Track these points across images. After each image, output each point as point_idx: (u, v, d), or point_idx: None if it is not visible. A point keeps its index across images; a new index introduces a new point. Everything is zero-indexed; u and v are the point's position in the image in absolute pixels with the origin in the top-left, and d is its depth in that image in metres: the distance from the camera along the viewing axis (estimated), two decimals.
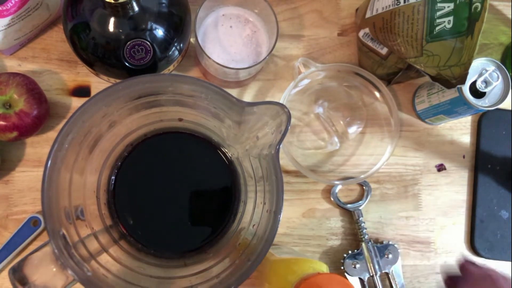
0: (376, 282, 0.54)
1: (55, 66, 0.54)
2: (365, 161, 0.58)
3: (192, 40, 0.54)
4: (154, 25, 0.45)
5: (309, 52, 0.59)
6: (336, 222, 0.57)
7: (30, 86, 0.48)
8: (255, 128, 0.40)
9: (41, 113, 0.49)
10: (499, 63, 0.51)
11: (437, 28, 0.46)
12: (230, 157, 0.49)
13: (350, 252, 0.55)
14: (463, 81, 0.46)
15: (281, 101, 0.54)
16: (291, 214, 0.56)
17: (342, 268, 0.54)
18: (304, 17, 0.59)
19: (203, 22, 0.51)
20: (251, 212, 0.43)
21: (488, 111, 0.55)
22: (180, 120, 0.47)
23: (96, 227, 0.42)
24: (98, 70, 0.48)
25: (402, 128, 0.59)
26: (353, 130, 0.57)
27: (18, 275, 0.33)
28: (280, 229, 0.56)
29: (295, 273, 0.43)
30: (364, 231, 0.55)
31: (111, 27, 0.44)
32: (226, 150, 0.49)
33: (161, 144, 0.49)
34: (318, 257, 0.56)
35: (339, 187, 0.57)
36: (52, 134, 0.53)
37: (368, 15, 0.52)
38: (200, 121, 0.46)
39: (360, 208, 0.56)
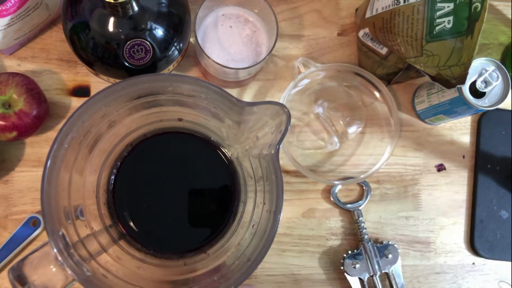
0: (376, 282, 0.54)
1: (55, 66, 0.54)
2: (365, 161, 0.58)
3: (191, 40, 0.54)
4: (154, 25, 0.45)
5: (309, 52, 0.59)
6: (336, 222, 0.57)
7: (29, 86, 0.48)
8: (255, 128, 0.39)
9: (41, 113, 0.49)
10: (499, 63, 0.51)
11: (437, 28, 0.46)
12: (230, 157, 0.49)
13: (350, 252, 0.55)
14: (463, 81, 0.46)
15: (281, 101, 0.54)
16: (291, 214, 0.56)
17: (342, 268, 0.54)
18: (304, 17, 0.59)
19: (203, 22, 0.51)
20: (251, 212, 0.43)
21: (488, 111, 0.55)
22: (180, 120, 0.47)
23: (96, 227, 0.42)
24: (98, 70, 0.48)
25: (402, 128, 0.59)
26: (353, 130, 0.57)
27: (18, 275, 0.33)
28: (280, 229, 0.56)
29: None
30: (364, 231, 0.55)
31: (110, 27, 0.44)
32: (226, 150, 0.49)
33: (161, 144, 0.49)
34: (318, 257, 0.56)
35: (339, 187, 0.57)
36: (51, 134, 0.53)
37: (368, 15, 0.52)
38: (200, 121, 0.46)
39: (360, 208, 0.56)
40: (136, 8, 0.42)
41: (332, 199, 0.56)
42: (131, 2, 0.41)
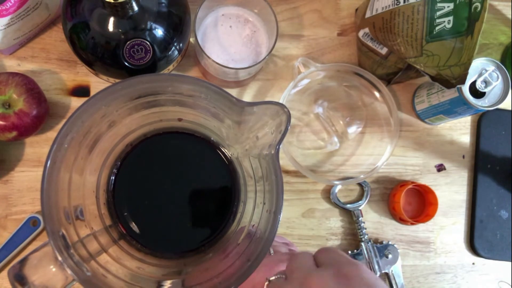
0: None
1: (55, 66, 0.54)
2: (364, 161, 0.58)
3: (191, 40, 0.54)
4: (154, 25, 0.45)
5: (308, 52, 0.59)
6: (335, 222, 0.57)
7: (29, 86, 0.48)
8: (255, 128, 0.39)
9: (41, 113, 0.49)
10: (499, 63, 0.51)
11: (437, 28, 0.46)
12: (230, 157, 0.49)
13: (349, 252, 0.55)
14: (463, 81, 0.46)
15: (280, 101, 0.54)
16: (291, 214, 0.56)
17: None
18: (303, 17, 0.59)
19: (203, 22, 0.51)
20: (251, 212, 0.43)
21: (488, 111, 0.55)
22: (180, 120, 0.47)
23: (96, 227, 0.42)
24: (98, 70, 0.48)
25: (401, 128, 0.59)
26: (353, 130, 0.57)
27: (18, 275, 0.33)
28: (280, 229, 0.56)
29: None
30: (363, 231, 0.55)
31: (110, 27, 0.44)
32: (225, 150, 0.49)
33: (161, 144, 0.49)
34: None
35: (339, 187, 0.57)
36: (51, 134, 0.53)
37: (368, 15, 0.52)
38: (200, 121, 0.46)
39: (360, 208, 0.56)
40: (136, 8, 0.42)
41: (332, 199, 0.56)
42: (131, 2, 0.41)
